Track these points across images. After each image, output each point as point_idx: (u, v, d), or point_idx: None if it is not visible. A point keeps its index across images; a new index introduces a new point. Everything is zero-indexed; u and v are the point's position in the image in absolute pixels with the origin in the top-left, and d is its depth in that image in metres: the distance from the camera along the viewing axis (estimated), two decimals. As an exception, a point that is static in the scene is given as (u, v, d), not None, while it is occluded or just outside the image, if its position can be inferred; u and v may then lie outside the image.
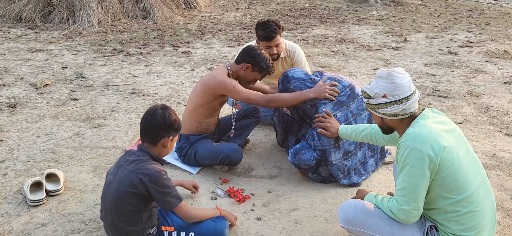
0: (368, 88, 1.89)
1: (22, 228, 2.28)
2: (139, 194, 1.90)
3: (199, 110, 2.79)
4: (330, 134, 2.57)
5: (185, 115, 2.87)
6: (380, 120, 1.95)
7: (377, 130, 2.32)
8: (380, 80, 1.85)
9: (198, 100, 2.77)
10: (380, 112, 1.89)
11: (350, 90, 2.72)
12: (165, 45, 6.19)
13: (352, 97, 2.71)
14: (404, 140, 1.78)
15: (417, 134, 1.76)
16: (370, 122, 2.75)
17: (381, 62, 5.57)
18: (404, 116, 1.86)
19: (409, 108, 1.83)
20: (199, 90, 2.78)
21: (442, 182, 1.76)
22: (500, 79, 4.97)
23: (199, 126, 2.84)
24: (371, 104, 1.90)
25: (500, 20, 8.76)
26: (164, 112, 1.98)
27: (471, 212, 1.78)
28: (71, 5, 7.32)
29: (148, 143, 2.00)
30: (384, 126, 1.96)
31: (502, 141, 3.42)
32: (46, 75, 4.75)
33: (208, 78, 2.76)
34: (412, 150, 1.73)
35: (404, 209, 1.79)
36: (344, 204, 2.00)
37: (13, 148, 3.11)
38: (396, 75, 1.81)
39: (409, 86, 1.82)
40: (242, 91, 2.68)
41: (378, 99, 1.85)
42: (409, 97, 1.82)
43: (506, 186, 2.78)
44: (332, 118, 2.61)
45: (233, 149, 2.76)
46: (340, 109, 2.67)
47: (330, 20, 8.43)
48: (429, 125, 1.78)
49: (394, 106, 1.83)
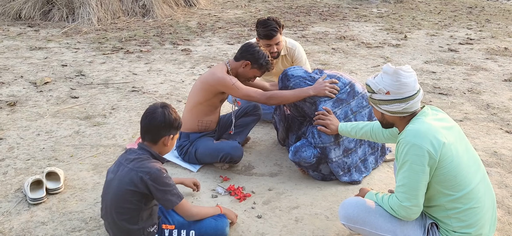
0: (372, 83, 1.87)
1: (23, 227, 2.27)
2: (139, 192, 1.89)
3: (199, 108, 2.79)
4: (330, 131, 2.57)
5: (185, 113, 2.87)
6: (380, 114, 1.94)
7: (377, 127, 2.32)
8: (385, 76, 1.83)
9: (198, 98, 2.77)
10: (381, 108, 1.88)
11: (350, 87, 2.72)
12: (165, 43, 6.18)
13: (352, 95, 2.71)
14: (404, 137, 1.78)
15: (416, 130, 1.76)
16: (370, 119, 2.75)
17: (382, 60, 5.56)
18: (405, 114, 1.86)
19: (411, 107, 1.83)
20: (199, 87, 2.77)
21: (441, 179, 1.76)
22: (501, 76, 4.96)
23: (200, 124, 2.83)
24: (374, 99, 1.89)
25: (500, 17, 8.74)
26: (164, 111, 1.97)
27: (472, 209, 1.77)
28: (71, 3, 7.30)
29: (149, 141, 2.00)
30: (384, 121, 1.96)
31: (502, 138, 3.42)
32: (46, 73, 4.74)
33: (207, 75, 2.75)
34: (412, 146, 1.73)
35: (405, 205, 1.79)
36: (345, 202, 2.01)
37: (13, 146, 3.11)
38: (402, 73, 1.79)
39: (413, 85, 1.80)
40: (241, 88, 2.68)
41: (380, 95, 1.84)
42: (412, 97, 1.80)
43: (506, 184, 2.78)
44: (332, 115, 2.61)
45: (233, 147, 2.76)
46: (340, 107, 2.67)
47: (330, 17, 8.41)
48: (428, 122, 1.78)
49: (395, 105, 1.82)
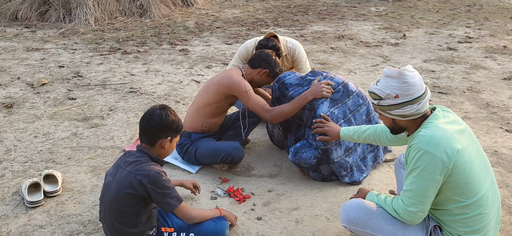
0: (377, 89, 1.80)
1: (20, 230, 2.25)
2: (138, 196, 1.87)
3: (207, 108, 2.78)
4: (329, 138, 2.52)
5: (191, 112, 2.85)
6: (391, 121, 1.86)
7: (380, 130, 2.27)
8: (390, 80, 1.76)
9: (208, 99, 2.76)
10: (393, 114, 1.80)
11: (343, 87, 2.71)
12: (163, 43, 6.15)
13: (346, 95, 2.71)
14: (417, 142, 1.72)
15: (430, 136, 1.69)
16: (368, 116, 2.74)
17: (381, 59, 5.55)
18: (417, 116, 1.79)
19: (423, 108, 1.77)
20: (211, 88, 2.77)
21: (453, 185, 1.72)
22: (500, 75, 4.95)
23: (204, 125, 2.82)
24: (382, 106, 1.81)
25: (499, 15, 8.74)
26: (161, 113, 1.95)
27: (480, 215, 1.75)
28: (67, 3, 7.27)
29: (146, 143, 1.98)
30: (396, 127, 1.87)
31: (503, 137, 3.41)
32: (43, 74, 4.71)
33: (223, 76, 2.76)
34: (425, 153, 1.68)
35: (410, 210, 1.76)
36: (346, 204, 1.98)
37: (10, 149, 3.08)
38: (408, 74, 1.74)
39: (421, 84, 1.75)
40: (251, 99, 2.69)
41: (390, 100, 1.77)
42: (422, 96, 1.75)
43: (507, 183, 2.77)
44: (331, 122, 2.56)
45: (235, 148, 2.74)
46: (336, 106, 2.66)
47: (329, 16, 8.40)
48: (442, 126, 1.72)
49: (408, 107, 1.75)
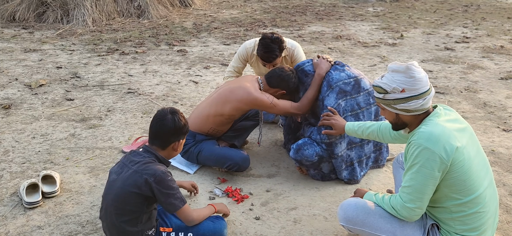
0: (383, 83, 1.81)
1: (19, 231, 2.25)
2: (142, 195, 1.89)
3: (218, 118, 2.76)
4: (335, 131, 2.52)
5: (200, 114, 2.81)
6: (395, 115, 1.87)
7: (384, 127, 2.26)
8: (396, 74, 1.78)
9: (223, 110, 2.72)
10: (397, 108, 1.81)
11: (354, 81, 2.68)
12: (161, 44, 6.15)
13: (357, 89, 2.67)
14: (416, 139, 1.73)
15: (430, 133, 1.71)
16: (377, 116, 2.72)
17: (378, 59, 5.56)
18: (420, 112, 1.80)
19: (427, 104, 1.78)
20: (230, 105, 2.71)
21: (451, 183, 1.73)
22: (497, 74, 4.97)
23: (211, 130, 2.81)
24: (387, 100, 1.82)
25: (496, 15, 8.77)
26: (174, 118, 1.99)
27: (477, 213, 1.76)
28: (65, 4, 7.26)
29: (157, 146, 2.01)
30: (399, 122, 1.88)
31: (500, 136, 3.42)
32: (41, 75, 4.70)
33: (243, 95, 2.69)
34: (424, 149, 1.69)
35: (408, 206, 1.77)
36: (344, 203, 1.98)
37: (8, 150, 3.08)
38: (415, 69, 1.75)
39: (426, 80, 1.77)
40: (279, 105, 2.71)
41: (396, 94, 1.78)
42: (427, 92, 1.77)
43: (504, 182, 2.78)
44: (337, 115, 2.56)
45: (243, 158, 2.73)
46: (344, 98, 2.63)
47: (326, 16, 8.41)
48: (442, 124, 1.74)
49: (413, 102, 1.76)
